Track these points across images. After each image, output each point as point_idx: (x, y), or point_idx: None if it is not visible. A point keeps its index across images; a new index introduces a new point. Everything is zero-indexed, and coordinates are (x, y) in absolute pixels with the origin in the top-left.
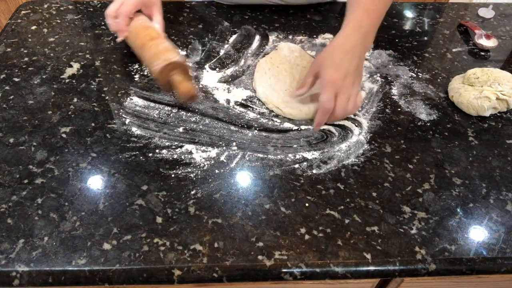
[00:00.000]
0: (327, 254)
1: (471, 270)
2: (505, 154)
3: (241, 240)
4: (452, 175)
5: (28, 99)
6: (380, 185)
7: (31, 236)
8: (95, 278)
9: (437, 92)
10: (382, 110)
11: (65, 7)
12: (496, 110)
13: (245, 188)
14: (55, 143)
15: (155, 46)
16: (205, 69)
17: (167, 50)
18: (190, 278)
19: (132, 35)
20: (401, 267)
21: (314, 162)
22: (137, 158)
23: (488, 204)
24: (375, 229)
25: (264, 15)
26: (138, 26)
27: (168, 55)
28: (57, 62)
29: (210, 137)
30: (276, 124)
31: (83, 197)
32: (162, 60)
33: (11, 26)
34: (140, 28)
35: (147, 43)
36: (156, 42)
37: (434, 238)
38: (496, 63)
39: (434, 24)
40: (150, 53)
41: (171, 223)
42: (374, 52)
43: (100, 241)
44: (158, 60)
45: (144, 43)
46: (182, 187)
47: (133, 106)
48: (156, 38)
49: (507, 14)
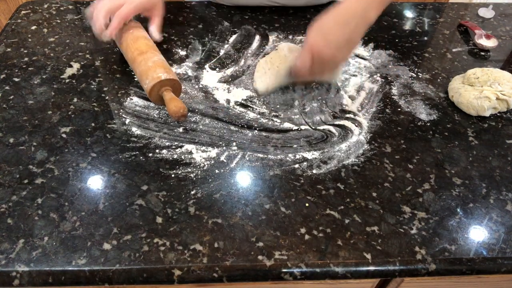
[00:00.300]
0: (327, 254)
1: (471, 270)
2: (505, 154)
3: (241, 240)
4: (452, 175)
5: (28, 99)
6: (380, 185)
7: (31, 236)
8: (95, 278)
9: (437, 92)
10: (382, 110)
11: (65, 7)
12: (496, 110)
13: (245, 188)
14: (55, 143)
15: (144, 62)
16: (205, 69)
17: (156, 66)
18: (190, 278)
19: (123, 47)
20: (401, 267)
21: (314, 162)
22: (137, 158)
23: (488, 204)
24: (375, 229)
25: (264, 15)
26: (128, 38)
27: (157, 72)
28: (57, 62)
29: (210, 137)
30: (276, 124)
31: (83, 197)
32: (150, 79)
33: (11, 26)
34: (130, 41)
35: (137, 58)
36: (145, 58)
37: (434, 238)
38: (496, 63)
39: (434, 24)
40: (140, 69)
41: (171, 223)
42: (374, 52)
43: (100, 241)
44: (147, 79)
45: (134, 58)
46: (182, 187)
47: (133, 106)
48: (145, 52)
49: (507, 14)
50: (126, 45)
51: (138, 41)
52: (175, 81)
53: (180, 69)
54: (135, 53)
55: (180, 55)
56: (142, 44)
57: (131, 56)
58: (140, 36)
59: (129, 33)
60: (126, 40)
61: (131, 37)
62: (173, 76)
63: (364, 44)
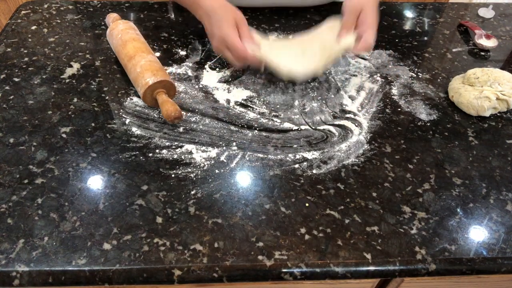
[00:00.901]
0: (327, 254)
1: (471, 270)
2: (505, 154)
3: (241, 240)
4: (452, 175)
5: (28, 99)
6: (380, 185)
7: (31, 236)
8: (95, 278)
9: (437, 92)
10: (382, 110)
11: (65, 7)
12: (496, 110)
13: (245, 188)
14: (55, 143)
15: (134, 69)
16: (205, 69)
17: (144, 71)
18: (190, 278)
19: (116, 54)
20: (401, 267)
21: (314, 162)
22: (137, 158)
23: (488, 204)
24: (375, 229)
25: (264, 15)
26: (118, 44)
27: (145, 78)
28: (57, 62)
29: (210, 137)
30: (276, 124)
31: (83, 197)
32: (141, 86)
33: (11, 26)
34: (119, 48)
35: (127, 65)
36: (134, 63)
37: (434, 238)
38: (496, 63)
39: (434, 24)
40: (131, 77)
41: (171, 223)
42: (374, 52)
43: (100, 241)
44: (138, 86)
45: (125, 65)
46: (182, 187)
47: (133, 106)
48: (133, 57)
49: (507, 14)
50: (117, 52)
51: (126, 46)
52: (165, 81)
53: (180, 69)
54: (125, 60)
55: (180, 55)
56: (130, 48)
57: (123, 63)
58: (127, 39)
59: (118, 38)
60: (117, 47)
61: (120, 42)
62: (161, 77)
63: None
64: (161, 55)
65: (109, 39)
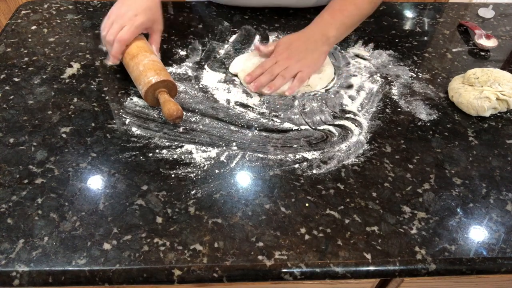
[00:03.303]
0: (327, 254)
1: (471, 270)
2: (505, 154)
3: (241, 240)
4: (452, 175)
5: (28, 99)
6: (380, 185)
7: (31, 236)
8: (95, 278)
9: (437, 92)
10: (382, 110)
11: (65, 7)
12: (496, 110)
13: (245, 188)
14: (55, 143)
15: (136, 67)
16: (205, 69)
17: (147, 70)
18: (190, 278)
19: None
20: (401, 267)
21: (314, 162)
22: (137, 158)
23: (488, 204)
24: (375, 229)
25: (264, 15)
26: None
27: (148, 77)
28: (57, 62)
29: (210, 137)
30: (276, 124)
31: (83, 197)
32: (143, 85)
33: (11, 26)
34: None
35: (129, 64)
36: (136, 62)
37: (434, 238)
38: (496, 63)
39: (434, 24)
40: (133, 76)
41: (171, 223)
42: (374, 52)
43: (100, 241)
44: (140, 85)
45: (127, 64)
46: (182, 187)
47: (133, 106)
48: (136, 56)
49: (507, 14)
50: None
51: (129, 44)
52: (168, 81)
53: (180, 69)
54: (127, 58)
55: (180, 55)
56: (132, 47)
57: (125, 62)
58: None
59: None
60: None
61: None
62: (164, 76)
63: (364, 44)
64: (161, 55)
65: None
